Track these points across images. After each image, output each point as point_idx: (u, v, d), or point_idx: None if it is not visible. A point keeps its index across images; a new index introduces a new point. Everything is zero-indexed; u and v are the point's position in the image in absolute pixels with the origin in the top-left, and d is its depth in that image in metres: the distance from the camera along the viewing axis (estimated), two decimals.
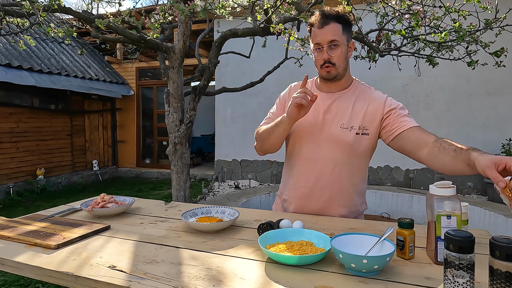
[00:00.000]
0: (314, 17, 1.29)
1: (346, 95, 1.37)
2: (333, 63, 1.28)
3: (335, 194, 1.36)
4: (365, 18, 3.14)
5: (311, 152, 1.35)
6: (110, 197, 1.48)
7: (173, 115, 3.39)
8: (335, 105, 1.35)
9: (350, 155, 1.33)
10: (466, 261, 0.69)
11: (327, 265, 0.93)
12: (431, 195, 0.95)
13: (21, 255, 1.03)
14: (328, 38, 1.26)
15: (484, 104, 5.63)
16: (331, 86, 1.38)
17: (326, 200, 1.37)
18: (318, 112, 1.35)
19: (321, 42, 1.27)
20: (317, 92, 1.40)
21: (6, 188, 5.99)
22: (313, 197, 1.38)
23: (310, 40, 1.35)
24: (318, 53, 1.30)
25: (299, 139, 1.38)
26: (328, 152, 1.33)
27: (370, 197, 5.44)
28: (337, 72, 1.31)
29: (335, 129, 1.32)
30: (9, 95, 6.12)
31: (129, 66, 8.47)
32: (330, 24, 1.26)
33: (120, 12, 3.38)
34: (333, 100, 1.36)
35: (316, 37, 1.28)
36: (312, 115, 1.34)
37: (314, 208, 1.39)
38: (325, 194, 1.36)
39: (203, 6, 2.16)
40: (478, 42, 2.69)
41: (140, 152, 8.60)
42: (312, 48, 1.33)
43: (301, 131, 1.37)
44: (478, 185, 5.66)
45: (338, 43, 1.26)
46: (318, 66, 1.32)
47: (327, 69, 1.30)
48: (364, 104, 1.34)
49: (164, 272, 0.90)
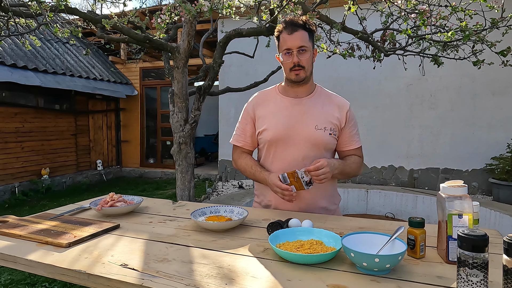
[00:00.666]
0: (283, 25, 1.40)
1: (313, 99, 1.48)
2: (303, 66, 1.39)
3: (314, 191, 1.43)
4: (369, 17, 3.14)
5: (290, 154, 1.43)
6: (119, 196, 1.49)
7: (177, 115, 3.40)
8: (306, 109, 1.45)
9: (323, 153, 1.45)
10: (480, 260, 0.69)
11: (338, 264, 0.93)
12: (442, 194, 0.95)
13: (33, 253, 1.03)
14: (297, 44, 1.36)
15: (489, 104, 5.60)
16: (297, 91, 1.47)
17: (308, 199, 1.45)
18: (291, 116, 1.44)
19: (291, 47, 1.37)
20: (283, 98, 1.48)
21: (11, 188, 6.03)
22: (296, 197, 1.42)
23: (277, 48, 1.44)
24: (288, 57, 1.39)
25: (275, 144, 1.45)
26: (306, 152, 1.42)
27: (374, 197, 5.43)
28: (305, 75, 1.41)
29: (311, 130, 1.42)
30: (14, 95, 6.15)
31: (133, 66, 8.50)
32: (298, 31, 1.37)
33: (125, 13, 3.39)
34: (303, 104, 1.46)
35: (286, 42, 1.38)
36: (287, 121, 1.43)
37: (293, 205, 1.45)
38: (305, 193, 1.42)
39: (209, 6, 2.17)
40: (484, 42, 2.68)
41: (144, 152, 8.63)
42: (280, 53, 1.43)
43: (277, 136, 1.44)
44: (483, 185, 5.64)
45: (306, 48, 1.38)
46: (287, 70, 1.41)
47: (296, 71, 1.39)
48: (332, 108, 1.47)
49: (176, 271, 0.91)
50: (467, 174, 5.73)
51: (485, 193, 5.64)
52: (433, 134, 5.92)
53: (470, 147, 5.71)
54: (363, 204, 5.47)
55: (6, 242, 1.13)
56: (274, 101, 1.49)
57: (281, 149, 1.44)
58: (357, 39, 3.02)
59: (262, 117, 1.48)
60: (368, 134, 6.26)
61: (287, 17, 1.44)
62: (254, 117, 1.50)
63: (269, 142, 1.46)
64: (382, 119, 6.18)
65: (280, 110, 1.46)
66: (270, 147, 1.47)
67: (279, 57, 1.44)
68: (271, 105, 1.49)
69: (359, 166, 1.51)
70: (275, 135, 1.44)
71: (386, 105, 6.15)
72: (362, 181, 6.31)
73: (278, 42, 1.43)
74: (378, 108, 6.19)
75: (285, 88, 1.50)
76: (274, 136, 1.44)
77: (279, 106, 1.47)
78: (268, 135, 1.44)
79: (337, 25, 2.67)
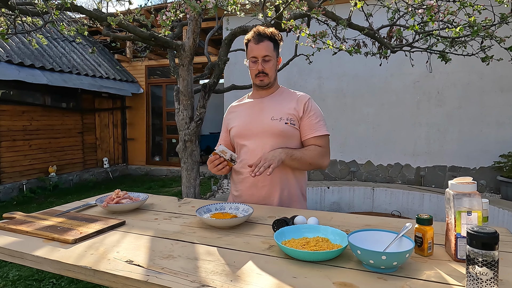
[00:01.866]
0: (251, 34, 1.55)
1: (273, 96, 1.63)
2: (266, 73, 1.55)
3: (276, 177, 1.54)
4: (376, 13, 3.10)
5: (252, 145, 1.57)
6: (125, 193, 1.50)
7: (183, 112, 3.40)
8: (265, 104, 1.61)
9: (284, 141, 1.54)
10: (490, 258, 0.68)
11: (344, 262, 0.93)
12: (451, 191, 0.93)
13: (40, 250, 1.04)
14: (262, 53, 1.53)
15: (498, 100, 5.53)
16: (262, 93, 1.64)
17: (270, 184, 1.55)
18: (252, 113, 1.61)
19: (257, 56, 1.53)
20: (248, 101, 1.68)
21: (19, 185, 6.10)
22: (258, 183, 1.56)
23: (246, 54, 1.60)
24: (254, 65, 1.56)
25: (239, 138, 1.62)
26: (265, 141, 1.55)
27: (380, 195, 5.40)
28: (269, 81, 1.58)
29: (267, 121, 1.55)
30: (21, 93, 6.21)
31: (138, 65, 8.53)
32: (264, 42, 1.53)
33: (130, 11, 3.40)
34: (263, 102, 1.62)
35: (252, 51, 1.54)
36: (249, 117, 1.61)
37: (260, 195, 1.57)
38: (268, 178, 1.53)
39: (214, 3, 2.16)
40: (493, 37, 2.63)
41: (150, 149, 8.66)
42: (247, 60, 1.59)
43: (239, 131, 1.62)
44: (492, 183, 5.57)
45: (270, 58, 1.54)
46: (253, 75, 1.58)
47: (260, 78, 1.56)
48: (289, 101, 1.60)
49: (181, 267, 0.90)
50: (475, 172, 5.67)
51: (493, 191, 5.58)
52: (440, 132, 5.86)
53: (478, 144, 5.64)
54: (369, 202, 5.44)
55: (14, 238, 1.14)
56: (241, 106, 1.70)
57: (244, 142, 1.60)
58: (363, 36, 2.99)
59: (231, 120, 1.69)
60: (374, 132, 6.22)
61: (256, 28, 1.58)
62: (227, 124, 1.71)
63: (235, 137, 1.64)
64: (389, 116, 6.13)
65: (244, 110, 1.66)
66: (237, 142, 1.64)
67: (246, 63, 1.60)
68: (239, 109, 1.69)
69: (318, 154, 1.54)
70: (237, 130, 1.62)
71: (392, 102, 6.10)
72: (368, 179, 6.28)
73: (246, 49, 1.59)
74: (384, 105, 6.14)
75: (253, 92, 1.69)
76: (237, 132, 1.62)
77: (244, 108, 1.67)
78: (233, 131, 1.64)
79: (343, 21, 2.64)
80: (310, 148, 1.54)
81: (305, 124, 1.57)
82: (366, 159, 6.30)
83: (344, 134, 6.35)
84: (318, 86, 6.41)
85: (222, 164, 1.46)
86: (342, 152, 6.40)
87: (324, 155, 1.56)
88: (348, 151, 6.38)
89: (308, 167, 1.57)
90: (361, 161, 6.33)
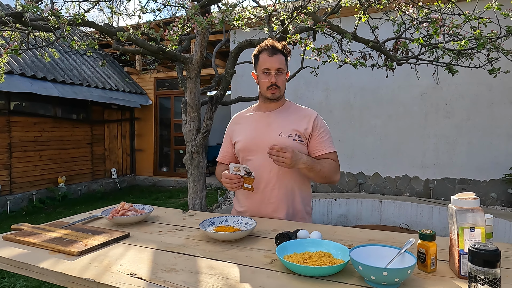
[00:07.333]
0: (264, 46, 1.54)
1: (280, 111, 1.62)
2: (279, 86, 1.54)
3: (282, 194, 1.54)
4: (381, 26, 3.13)
5: (258, 160, 1.55)
6: (130, 206, 1.51)
7: (190, 124, 3.44)
8: (272, 119, 1.59)
9: None
10: (491, 276, 0.67)
11: (346, 277, 0.92)
12: (453, 206, 0.93)
13: (45, 261, 1.06)
14: (276, 66, 1.52)
15: (508, 112, 5.46)
16: (269, 106, 1.63)
17: (276, 202, 1.55)
18: (258, 128, 1.60)
19: (270, 68, 1.52)
20: (254, 114, 1.66)
21: (29, 195, 6.18)
22: (264, 200, 1.56)
23: (255, 66, 1.59)
24: (266, 76, 1.54)
25: (245, 152, 1.60)
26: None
27: (388, 207, 5.33)
28: (280, 94, 1.57)
29: (275, 137, 1.54)
30: (33, 105, 6.36)
31: (147, 77, 8.67)
32: (278, 55, 1.53)
33: (140, 25, 3.48)
34: (270, 117, 1.61)
35: (266, 63, 1.53)
36: (255, 132, 1.59)
37: (267, 212, 1.56)
38: (274, 196, 1.54)
39: (220, 18, 2.20)
40: (499, 50, 2.63)
41: (158, 160, 8.73)
42: (258, 72, 1.57)
43: (246, 146, 1.60)
44: (502, 196, 5.47)
45: (283, 71, 1.54)
46: (264, 88, 1.56)
47: (272, 90, 1.54)
48: (298, 118, 1.59)
49: (183, 281, 0.91)
50: (485, 184, 5.57)
51: (504, 204, 5.46)
52: (449, 143, 5.80)
53: (488, 156, 5.56)
54: (377, 215, 5.37)
55: (20, 249, 1.16)
56: (247, 118, 1.68)
57: (250, 157, 1.59)
58: (369, 48, 3.01)
59: (236, 133, 1.67)
60: (381, 143, 6.18)
61: (269, 40, 1.58)
62: (231, 135, 1.70)
63: (241, 151, 1.62)
64: (396, 128, 6.09)
65: (250, 124, 1.64)
66: (242, 156, 1.63)
67: (256, 74, 1.59)
68: (244, 122, 1.68)
69: (334, 169, 1.54)
70: (244, 145, 1.60)
71: (400, 114, 6.07)
72: (376, 191, 6.21)
73: (257, 60, 1.58)
74: (391, 117, 6.12)
75: (259, 105, 1.67)
76: (243, 146, 1.60)
77: (250, 121, 1.65)
78: (239, 145, 1.62)
79: (348, 34, 2.67)
80: (328, 161, 1.53)
81: (315, 141, 1.56)
82: (374, 171, 6.25)
83: (351, 145, 6.32)
84: (325, 98, 6.43)
85: (238, 183, 1.46)
86: (350, 164, 6.36)
87: (337, 171, 1.57)
88: (355, 163, 6.34)
89: (321, 180, 1.55)
90: (369, 173, 6.28)
